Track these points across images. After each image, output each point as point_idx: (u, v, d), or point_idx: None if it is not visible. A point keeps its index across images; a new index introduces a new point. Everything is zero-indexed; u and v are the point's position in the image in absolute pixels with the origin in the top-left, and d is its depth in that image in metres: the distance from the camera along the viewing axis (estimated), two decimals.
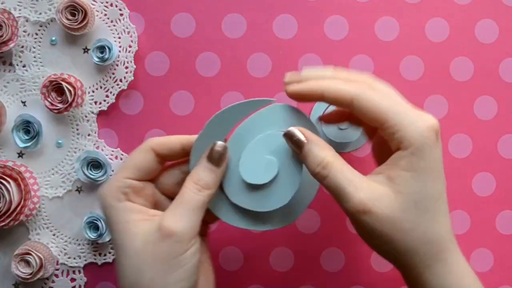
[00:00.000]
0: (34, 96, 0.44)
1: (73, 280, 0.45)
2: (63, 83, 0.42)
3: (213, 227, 0.43)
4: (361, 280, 0.45)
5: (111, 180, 0.34)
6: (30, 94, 0.44)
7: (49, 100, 0.43)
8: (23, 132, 0.43)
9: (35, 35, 0.44)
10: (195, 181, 0.33)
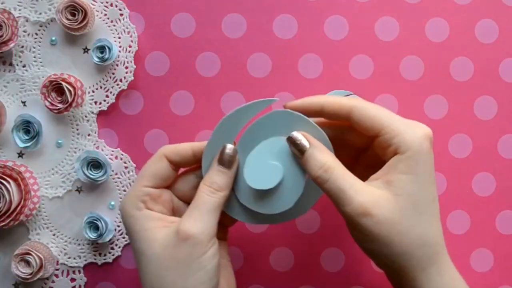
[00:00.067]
0: (34, 96, 0.44)
1: (73, 280, 0.45)
2: (63, 83, 0.42)
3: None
4: (361, 280, 0.45)
5: (130, 190, 0.35)
6: (30, 94, 0.44)
7: (49, 100, 0.43)
8: (23, 132, 0.43)
9: (35, 35, 0.44)
10: (208, 184, 0.34)
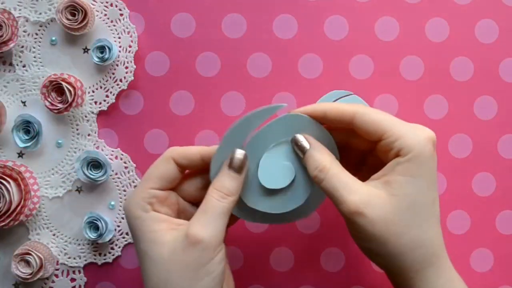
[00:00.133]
0: (34, 96, 0.44)
1: (73, 280, 0.45)
2: (63, 83, 0.42)
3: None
4: (361, 280, 0.45)
5: (136, 191, 0.34)
6: (30, 94, 0.44)
7: (49, 100, 0.43)
8: (23, 132, 0.43)
9: (35, 35, 0.44)
10: (218, 189, 0.33)
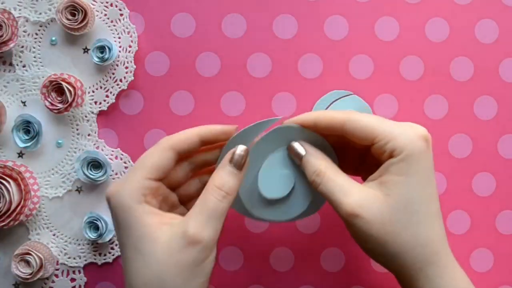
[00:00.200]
0: (34, 96, 0.44)
1: (73, 280, 0.45)
2: (63, 83, 0.42)
3: None
4: (361, 280, 0.45)
5: (129, 180, 0.33)
6: (30, 94, 0.44)
7: (49, 100, 0.43)
8: (23, 132, 0.43)
9: (35, 35, 0.44)
10: (219, 187, 0.32)
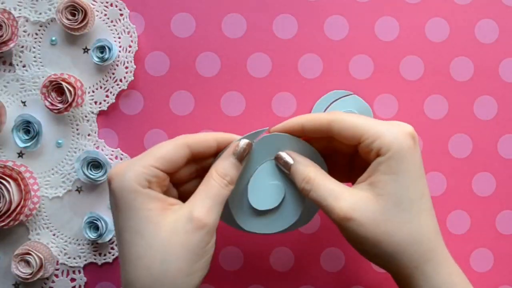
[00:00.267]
0: (34, 96, 0.44)
1: (73, 280, 0.45)
2: (63, 83, 0.42)
3: None
4: (361, 280, 0.45)
5: (136, 165, 0.32)
6: (30, 94, 0.44)
7: (49, 100, 0.43)
8: (23, 132, 0.43)
9: (35, 35, 0.44)
10: (222, 175, 0.34)
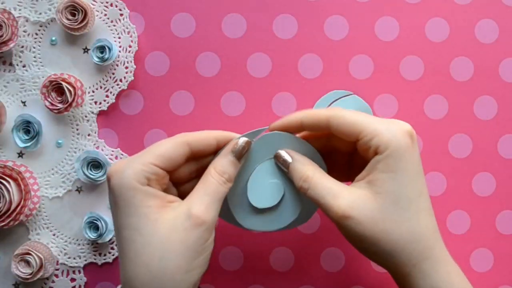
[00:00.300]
0: (34, 96, 0.44)
1: (73, 280, 0.45)
2: (63, 83, 0.42)
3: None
4: (361, 280, 0.45)
5: (135, 162, 0.32)
6: (30, 94, 0.44)
7: (49, 100, 0.43)
8: (23, 132, 0.43)
9: (35, 35, 0.44)
10: (220, 173, 0.34)
